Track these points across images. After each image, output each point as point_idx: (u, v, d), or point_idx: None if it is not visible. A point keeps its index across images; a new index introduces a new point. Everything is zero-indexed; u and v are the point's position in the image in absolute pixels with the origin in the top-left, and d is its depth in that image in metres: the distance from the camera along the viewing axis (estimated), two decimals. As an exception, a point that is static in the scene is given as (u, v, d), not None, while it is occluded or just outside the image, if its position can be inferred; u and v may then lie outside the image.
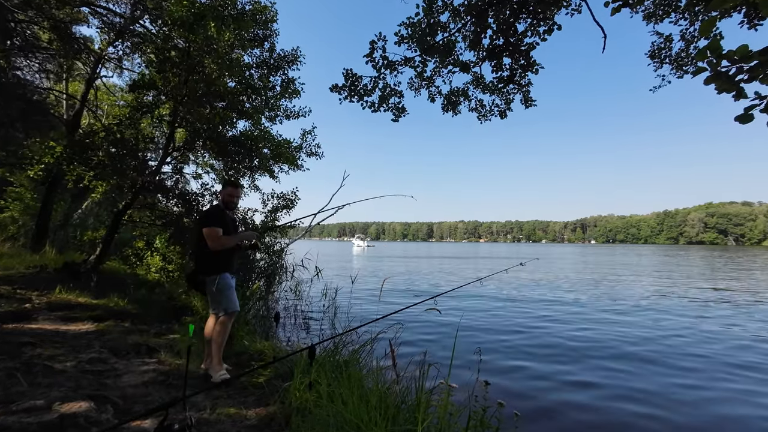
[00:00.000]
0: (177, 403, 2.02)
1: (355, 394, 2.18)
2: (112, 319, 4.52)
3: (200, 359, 3.14)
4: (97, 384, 2.63)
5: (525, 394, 3.93)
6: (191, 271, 3.15)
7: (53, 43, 7.97)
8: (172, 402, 0.93)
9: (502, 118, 5.64)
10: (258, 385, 2.80)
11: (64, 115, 9.43)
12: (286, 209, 7.91)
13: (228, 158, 7.59)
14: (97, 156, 5.95)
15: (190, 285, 3.16)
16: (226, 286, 3.02)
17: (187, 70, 6.05)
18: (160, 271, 7.24)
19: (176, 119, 6.57)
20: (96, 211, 11.27)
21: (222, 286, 2.99)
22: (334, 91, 5.27)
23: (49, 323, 4.10)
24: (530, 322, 7.24)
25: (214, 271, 3.02)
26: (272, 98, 8.05)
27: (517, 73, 4.93)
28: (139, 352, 3.48)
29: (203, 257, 3.05)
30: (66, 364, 2.92)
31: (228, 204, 3.24)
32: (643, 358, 5.11)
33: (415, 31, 4.80)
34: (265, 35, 7.70)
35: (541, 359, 5.04)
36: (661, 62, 5.71)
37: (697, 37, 5.31)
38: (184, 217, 6.59)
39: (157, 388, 2.68)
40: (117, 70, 10.57)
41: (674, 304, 9.47)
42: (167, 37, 6.25)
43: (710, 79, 1.59)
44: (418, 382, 2.40)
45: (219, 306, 3.00)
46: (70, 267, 6.36)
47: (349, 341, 3.64)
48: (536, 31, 4.52)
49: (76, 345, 3.46)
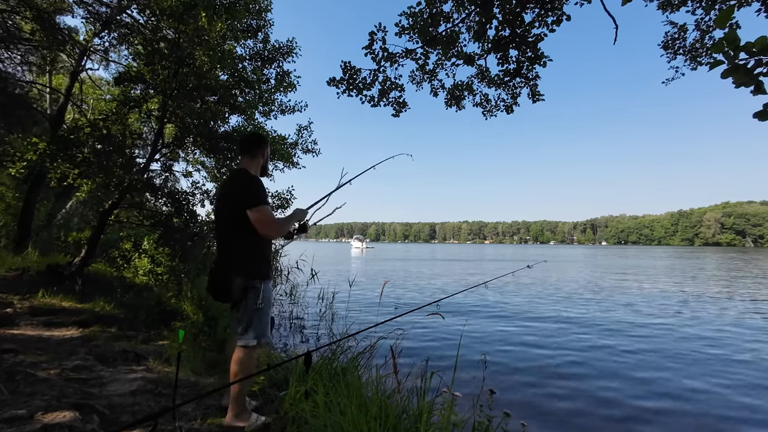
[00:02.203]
0: (166, 413, 2.02)
1: (353, 404, 2.18)
2: (98, 324, 4.51)
3: (191, 366, 3.14)
4: (82, 393, 2.63)
5: (533, 403, 3.94)
6: (214, 272, 2.28)
7: (36, 34, 7.96)
8: (161, 412, 0.93)
9: (508, 114, 5.64)
10: (252, 394, 2.80)
11: (47, 109, 9.44)
12: (281, 209, 7.93)
13: (220, 155, 7.58)
14: (83, 153, 5.94)
15: (216, 293, 2.27)
16: (269, 303, 2.27)
17: (177, 63, 6.05)
18: (149, 274, 7.23)
19: (165, 114, 6.56)
20: (81, 211, 11.27)
21: (267, 299, 2.23)
22: (332, 85, 5.28)
23: (32, 329, 4.10)
24: (539, 329, 7.24)
25: (257, 274, 2.18)
26: (266, 92, 8.06)
27: (524, 66, 4.92)
28: (127, 359, 3.48)
29: (240, 251, 2.18)
30: (49, 372, 2.91)
31: (265, 167, 2.50)
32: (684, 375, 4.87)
33: (416, 22, 4.80)
34: (258, 25, 7.71)
35: (549, 367, 5.04)
36: (675, 53, 5.72)
37: (712, 26, 5.31)
38: (173, 217, 6.59)
39: (145, 397, 2.68)
40: (103, 63, 10.58)
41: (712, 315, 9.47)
42: (156, 27, 6.25)
43: (727, 72, 1.58)
44: (420, 391, 2.40)
45: (252, 330, 2.16)
46: (53, 269, 6.35)
47: (348, 348, 3.64)
48: (544, 21, 4.51)
49: (60, 351, 3.46)
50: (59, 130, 7.41)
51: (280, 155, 8.24)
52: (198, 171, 10.47)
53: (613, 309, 9.41)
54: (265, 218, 2.11)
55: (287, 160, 8.43)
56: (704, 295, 11.93)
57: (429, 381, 2.53)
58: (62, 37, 8.04)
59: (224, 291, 2.19)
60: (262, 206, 2.12)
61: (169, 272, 7.04)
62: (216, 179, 8.38)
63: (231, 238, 2.21)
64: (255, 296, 2.16)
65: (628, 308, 9.54)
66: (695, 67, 5.71)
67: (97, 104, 10.89)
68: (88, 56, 9.23)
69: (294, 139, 8.61)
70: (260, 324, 2.18)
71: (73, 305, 5.13)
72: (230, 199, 2.18)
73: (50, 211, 10.85)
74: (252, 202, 2.11)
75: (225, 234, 2.25)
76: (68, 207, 11.51)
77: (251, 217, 2.11)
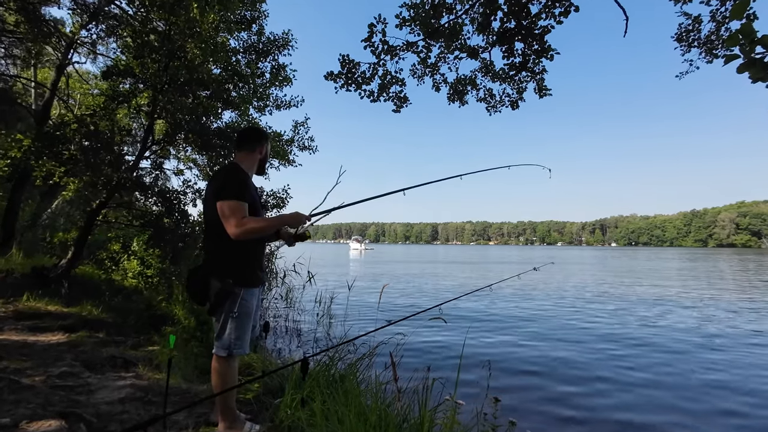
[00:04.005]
0: (156, 422, 2.02)
1: (352, 412, 2.18)
2: (85, 329, 4.51)
3: (182, 373, 3.14)
4: (69, 400, 2.63)
5: (540, 411, 3.93)
6: (193, 271, 2.18)
7: (20, 26, 7.95)
8: (151, 420, 0.93)
9: (513, 109, 5.65)
10: (246, 402, 2.80)
11: (32, 104, 9.43)
12: (276, 208, 7.93)
13: (212, 153, 7.58)
14: (69, 150, 5.94)
15: (193, 295, 2.17)
16: (248, 312, 2.13)
17: (168, 56, 6.05)
18: (138, 277, 7.24)
19: (155, 110, 6.56)
20: (68, 211, 11.27)
21: (245, 308, 2.11)
22: (329, 79, 5.28)
23: (16, 334, 4.10)
24: (547, 333, 7.25)
25: (237, 279, 2.07)
26: (261, 86, 8.07)
27: (530, 60, 4.93)
28: (115, 366, 3.48)
29: (222, 252, 2.09)
30: (34, 379, 2.92)
31: (262, 165, 2.41)
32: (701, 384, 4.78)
33: (418, 13, 4.80)
34: (253, 17, 7.71)
35: (557, 373, 5.04)
36: (689, 46, 5.71)
37: (728, 17, 5.30)
38: (164, 217, 6.59)
39: (134, 404, 2.68)
40: (90, 56, 10.58)
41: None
42: (146, 19, 6.25)
43: (743, 66, 1.58)
44: (422, 399, 2.40)
45: (223, 339, 2.08)
46: (39, 272, 6.35)
47: (346, 353, 3.64)
48: (551, 13, 4.52)
49: (45, 358, 3.46)
50: (45, 126, 7.42)
51: (276, 153, 8.26)
52: (190, 169, 10.49)
53: (628, 315, 9.42)
54: (229, 212, 1.97)
55: (283, 157, 8.45)
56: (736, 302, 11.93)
57: (431, 388, 2.54)
58: (48, 29, 8.02)
59: (200, 293, 2.09)
60: (232, 201, 1.99)
61: (159, 275, 7.05)
62: (208, 177, 8.35)
63: (214, 237, 2.11)
64: (232, 303, 2.06)
65: (654, 312, 9.55)
66: (711, 60, 5.70)
67: (85, 99, 10.88)
68: (75, 49, 9.23)
69: (290, 135, 8.61)
70: (234, 334, 2.08)
71: (59, 309, 5.13)
72: (214, 194, 2.08)
73: (35, 210, 10.85)
74: (223, 194, 2.01)
75: (210, 232, 2.18)
76: (54, 206, 11.52)
77: (219, 211, 2.01)
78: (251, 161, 2.31)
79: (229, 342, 2.08)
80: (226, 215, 1.98)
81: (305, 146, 8.81)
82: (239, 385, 1.44)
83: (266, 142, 2.39)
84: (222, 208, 2.00)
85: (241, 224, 1.96)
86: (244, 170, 2.22)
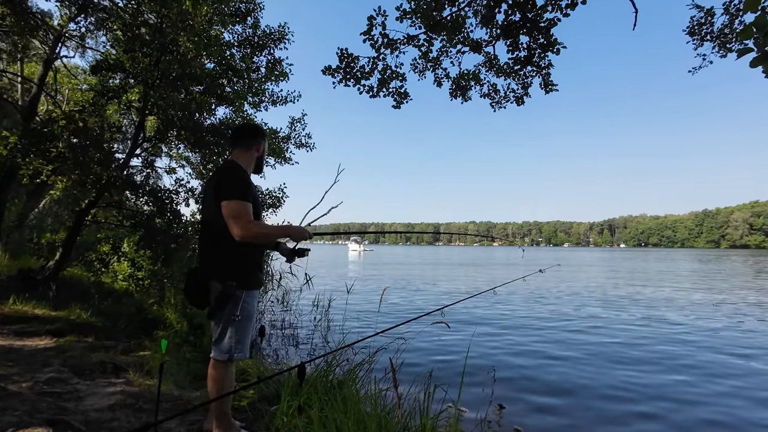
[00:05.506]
0: (148, 429, 2.03)
1: (351, 419, 2.18)
2: (74, 333, 4.51)
3: (174, 379, 3.14)
4: (57, 407, 2.63)
5: (546, 420, 3.93)
6: (191, 274, 2.18)
7: (6, 19, 7.94)
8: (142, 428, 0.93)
9: (518, 105, 5.65)
10: (241, 409, 2.80)
11: (18, 100, 9.45)
12: (272, 208, 7.95)
13: (206, 150, 7.59)
14: (57, 147, 5.94)
15: (191, 297, 2.16)
16: (249, 315, 2.17)
17: (159, 50, 6.05)
18: (129, 279, 7.24)
19: (147, 105, 6.56)
20: (55, 211, 11.26)
21: (246, 311, 2.13)
22: (327, 74, 5.29)
23: (2, 338, 4.10)
24: (554, 338, 7.25)
25: (239, 281, 2.08)
26: (256, 81, 8.07)
27: (536, 54, 4.93)
28: (105, 371, 3.48)
29: (223, 253, 2.09)
30: (21, 385, 2.92)
31: (259, 164, 2.42)
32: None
33: (419, 5, 4.80)
34: (248, 9, 7.71)
35: (564, 380, 5.04)
36: (702, 40, 5.71)
37: (742, 10, 5.30)
38: (155, 217, 6.59)
39: (125, 412, 2.68)
40: (79, 50, 10.61)
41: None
42: (136, 11, 6.25)
43: (757, 60, 1.58)
44: (423, 406, 2.40)
45: (224, 343, 2.09)
46: (25, 274, 6.36)
47: (344, 359, 3.64)
48: (557, 5, 4.52)
49: (32, 363, 3.46)
50: (32, 123, 7.41)
51: (272, 150, 8.26)
52: (182, 167, 10.48)
53: (653, 323, 9.41)
54: (236, 213, 1.97)
55: (279, 155, 8.46)
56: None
57: (432, 395, 2.53)
58: (35, 22, 8.02)
59: (200, 296, 2.10)
60: (237, 200, 2.01)
61: (150, 277, 7.05)
62: (201, 176, 8.39)
63: (214, 237, 2.11)
64: (233, 306, 2.06)
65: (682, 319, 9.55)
66: (725, 55, 5.69)
67: (73, 95, 10.88)
68: (63, 43, 9.22)
69: (286, 132, 8.62)
70: (235, 338, 2.09)
71: (46, 313, 5.13)
72: (214, 193, 2.09)
73: (22, 210, 10.85)
74: (226, 194, 2.02)
75: (208, 233, 2.18)
76: (41, 206, 11.52)
77: (223, 212, 2.00)
78: (248, 159, 2.31)
79: (230, 346, 2.09)
80: (232, 216, 1.98)
81: (302, 143, 8.82)
82: (235, 391, 1.43)
83: (263, 139, 2.38)
84: (227, 209, 2.00)
85: (247, 227, 1.97)
86: (244, 168, 2.22)
